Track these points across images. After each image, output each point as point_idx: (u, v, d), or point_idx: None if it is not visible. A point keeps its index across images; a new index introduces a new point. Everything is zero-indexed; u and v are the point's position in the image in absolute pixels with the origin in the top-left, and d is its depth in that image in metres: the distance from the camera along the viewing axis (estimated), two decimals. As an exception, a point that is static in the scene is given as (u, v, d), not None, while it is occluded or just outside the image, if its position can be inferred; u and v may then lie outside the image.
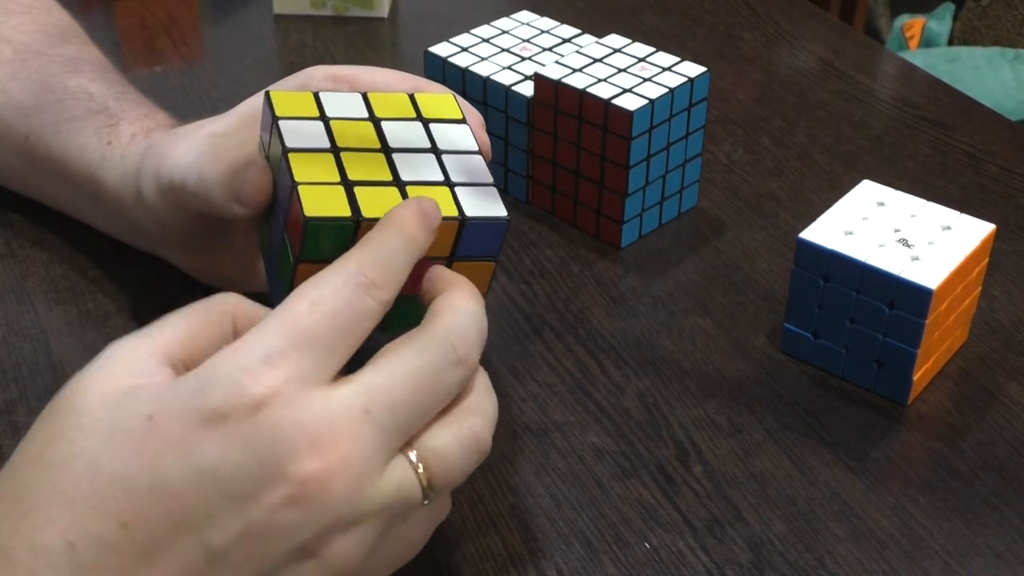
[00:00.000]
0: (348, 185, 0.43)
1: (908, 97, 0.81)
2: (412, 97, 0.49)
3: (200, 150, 0.50)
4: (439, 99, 0.49)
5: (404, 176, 0.44)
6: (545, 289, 0.61)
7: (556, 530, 0.48)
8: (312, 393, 0.35)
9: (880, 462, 0.51)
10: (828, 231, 0.54)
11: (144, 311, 0.58)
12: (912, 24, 2.03)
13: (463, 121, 0.48)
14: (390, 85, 0.50)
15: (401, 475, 0.37)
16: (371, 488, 0.36)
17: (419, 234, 0.40)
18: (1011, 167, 0.72)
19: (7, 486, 0.35)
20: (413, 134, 0.47)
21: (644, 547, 0.47)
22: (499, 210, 0.44)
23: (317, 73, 0.51)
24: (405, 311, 0.43)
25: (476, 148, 0.47)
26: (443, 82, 0.67)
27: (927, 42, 2.00)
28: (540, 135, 0.65)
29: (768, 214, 0.68)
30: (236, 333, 0.39)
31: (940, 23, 2.01)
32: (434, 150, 0.46)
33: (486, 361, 0.56)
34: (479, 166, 0.46)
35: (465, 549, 0.47)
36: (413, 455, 0.37)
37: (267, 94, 0.47)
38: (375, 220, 0.41)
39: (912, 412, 0.54)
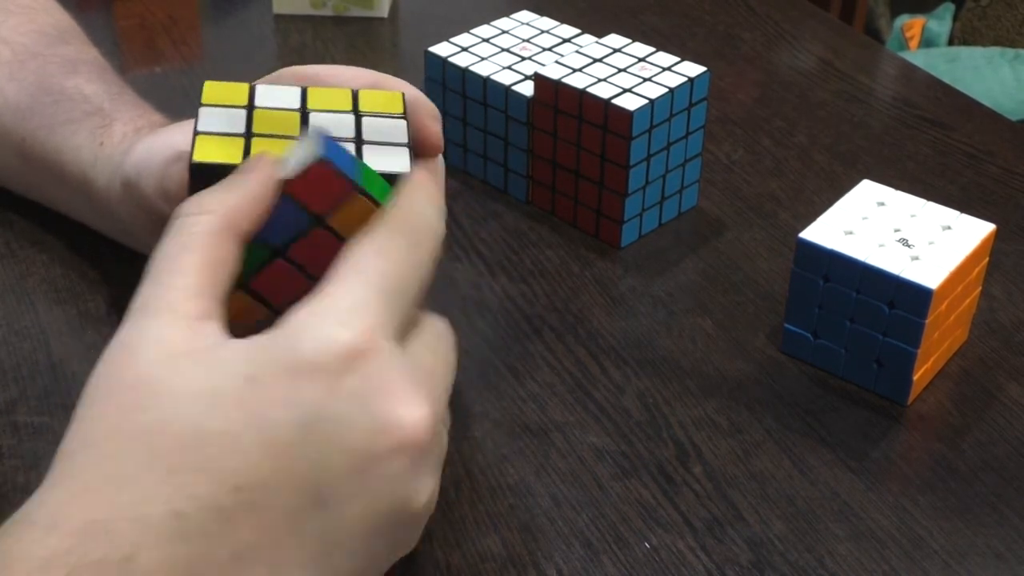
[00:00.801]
0: (248, 139, 0.42)
1: (908, 97, 0.81)
2: (355, 93, 0.47)
3: (150, 146, 0.50)
4: (385, 95, 0.47)
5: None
6: (545, 289, 0.61)
7: (556, 530, 0.48)
8: (394, 344, 0.36)
9: (880, 462, 0.51)
10: (828, 231, 0.54)
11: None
12: (912, 24, 2.03)
13: (403, 116, 0.46)
14: (350, 82, 0.50)
15: (445, 419, 0.38)
16: (443, 433, 0.37)
17: (436, 193, 0.41)
18: (1011, 167, 0.72)
19: (88, 460, 0.33)
20: (339, 126, 0.45)
21: (644, 547, 0.47)
22: (404, 166, 0.42)
23: (286, 74, 0.51)
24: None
25: (406, 141, 0.44)
26: (443, 82, 0.67)
27: (927, 42, 2.00)
28: (540, 135, 0.65)
29: (768, 214, 0.68)
30: (241, 242, 0.38)
31: (940, 23, 2.01)
32: (357, 140, 0.44)
33: (487, 361, 0.56)
34: (399, 155, 0.43)
35: (465, 549, 0.47)
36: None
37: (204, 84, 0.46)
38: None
39: (912, 412, 0.54)
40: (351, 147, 0.43)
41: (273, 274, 0.40)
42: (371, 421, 0.34)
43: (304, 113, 0.45)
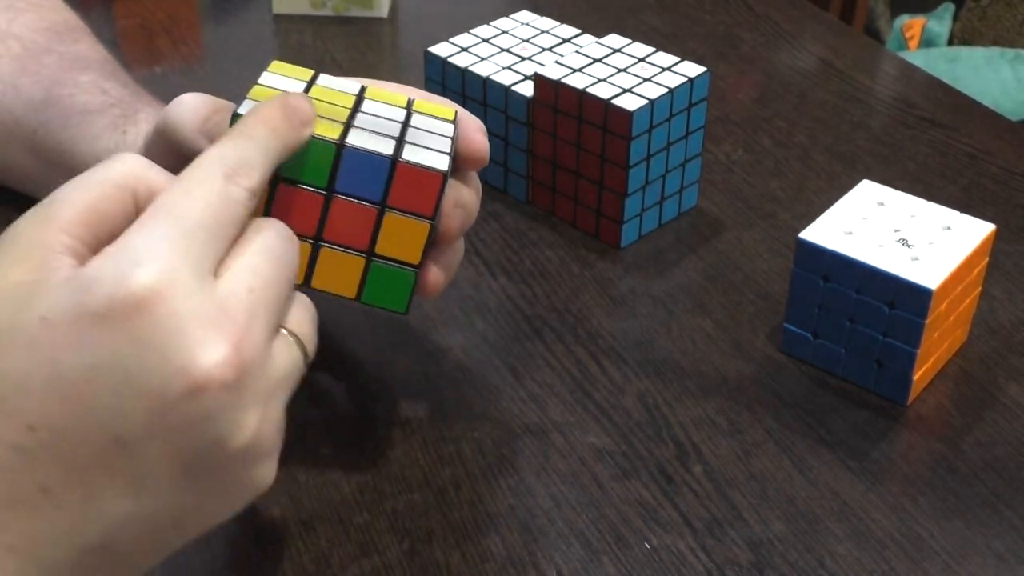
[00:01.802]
0: None
1: (908, 97, 0.81)
2: (411, 100, 0.49)
3: (193, 99, 0.50)
4: (438, 107, 0.49)
5: (355, 123, 0.44)
6: (545, 289, 0.61)
7: (556, 530, 0.48)
8: (200, 280, 0.35)
9: (880, 462, 0.51)
10: (828, 231, 0.54)
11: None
12: (912, 24, 2.03)
13: (452, 121, 0.48)
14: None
15: (288, 351, 0.38)
16: (268, 367, 0.37)
17: (281, 124, 0.41)
18: (1011, 167, 0.72)
19: None
20: (390, 113, 0.46)
21: (644, 547, 0.47)
22: (440, 164, 0.43)
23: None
24: (381, 280, 0.43)
25: (450, 135, 0.46)
26: (442, 82, 0.67)
27: (927, 42, 2.00)
28: (540, 135, 0.65)
29: (768, 214, 0.68)
30: (137, 205, 0.38)
31: (940, 23, 2.01)
32: (404, 127, 0.46)
33: (486, 361, 0.56)
34: (441, 142, 0.45)
35: (465, 549, 0.47)
36: (288, 332, 0.39)
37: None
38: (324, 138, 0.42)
39: (912, 412, 0.54)
40: (394, 124, 0.45)
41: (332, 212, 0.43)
42: (163, 364, 0.34)
43: (359, 99, 0.47)
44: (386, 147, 0.43)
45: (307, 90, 0.46)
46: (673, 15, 0.91)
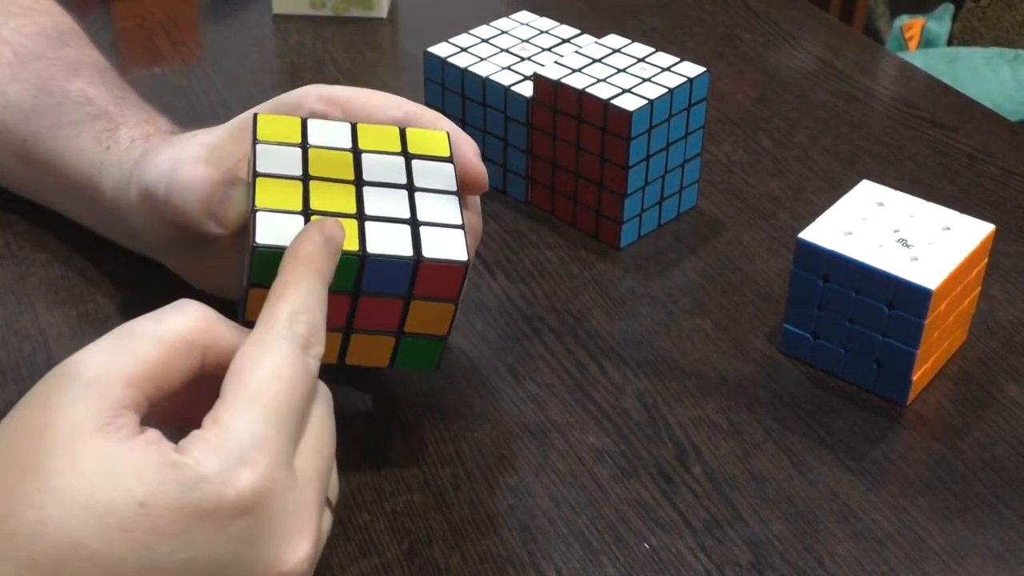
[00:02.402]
0: (307, 215, 0.43)
1: (907, 98, 0.81)
2: (403, 131, 0.49)
3: (178, 159, 0.50)
4: (430, 135, 0.49)
5: (369, 211, 0.44)
6: (544, 290, 0.61)
7: (555, 531, 0.48)
8: (291, 475, 0.37)
9: (879, 462, 0.51)
10: (827, 231, 0.54)
11: (144, 312, 0.58)
12: (911, 24, 2.03)
13: (450, 159, 0.48)
14: (382, 109, 0.50)
15: (329, 519, 0.41)
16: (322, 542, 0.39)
17: (325, 264, 0.41)
18: (1011, 167, 0.72)
19: None
20: (391, 168, 0.47)
21: (643, 548, 0.47)
22: (459, 253, 0.44)
23: (312, 93, 0.51)
24: (411, 351, 0.45)
25: (455, 188, 0.47)
26: (442, 82, 0.67)
27: (926, 42, 2.00)
28: (539, 135, 0.65)
29: (767, 214, 0.68)
30: (203, 359, 0.39)
31: (939, 23, 2.01)
32: (409, 186, 0.46)
33: (486, 361, 0.56)
34: (451, 206, 0.46)
35: (465, 549, 0.47)
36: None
37: (254, 116, 0.47)
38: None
39: (911, 412, 0.54)
40: (402, 193, 0.46)
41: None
42: (256, 560, 0.36)
43: (356, 152, 0.47)
44: (403, 240, 0.43)
45: (304, 156, 0.46)
46: (672, 15, 0.91)
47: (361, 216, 0.44)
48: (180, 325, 0.38)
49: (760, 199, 0.69)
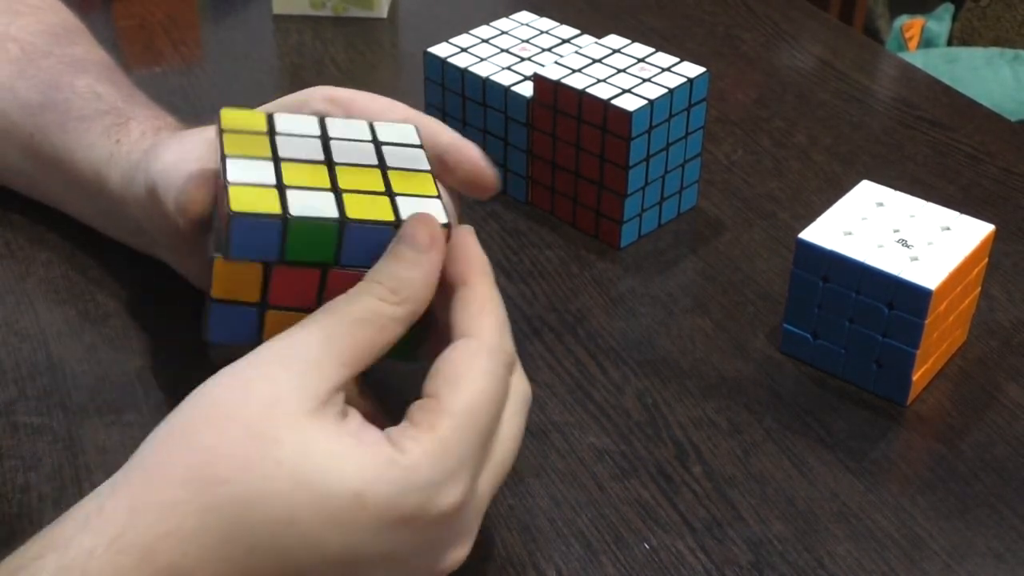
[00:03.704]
0: (282, 191, 0.42)
1: (907, 98, 0.81)
2: (371, 124, 0.48)
3: (178, 155, 0.50)
4: (399, 128, 0.48)
5: (343, 185, 0.44)
6: (544, 289, 0.61)
7: (555, 531, 0.48)
8: (474, 488, 0.40)
9: (879, 462, 0.51)
10: (827, 231, 0.54)
11: (144, 312, 0.58)
12: (911, 24, 2.03)
13: (420, 147, 0.47)
14: (384, 114, 0.50)
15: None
16: None
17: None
18: (1011, 167, 0.72)
19: (166, 484, 0.36)
20: (362, 152, 0.46)
21: (643, 548, 0.47)
22: (440, 217, 0.43)
23: (317, 94, 0.51)
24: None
25: (427, 167, 0.46)
26: (442, 83, 0.67)
27: (926, 42, 2.00)
28: (539, 135, 0.65)
29: (767, 214, 0.68)
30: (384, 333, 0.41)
31: (939, 23, 2.01)
32: (381, 166, 0.46)
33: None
34: (425, 181, 0.45)
35: (464, 549, 0.47)
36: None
37: (219, 112, 0.47)
38: (305, 218, 0.41)
39: (911, 413, 0.54)
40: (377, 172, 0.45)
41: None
42: (433, 561, 0.39)
43: (326, 140, 0.46)
44: (383, 207, 0.43)
45: (271, 136, 0.45)
46: (672, 15, 0.91)
47: (336, 189, 0.43)
48: (374, 303, 0.40)
49: (760, 199, 0.69)
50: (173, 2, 0.90)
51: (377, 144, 0.47)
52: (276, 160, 0.44)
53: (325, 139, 0.46)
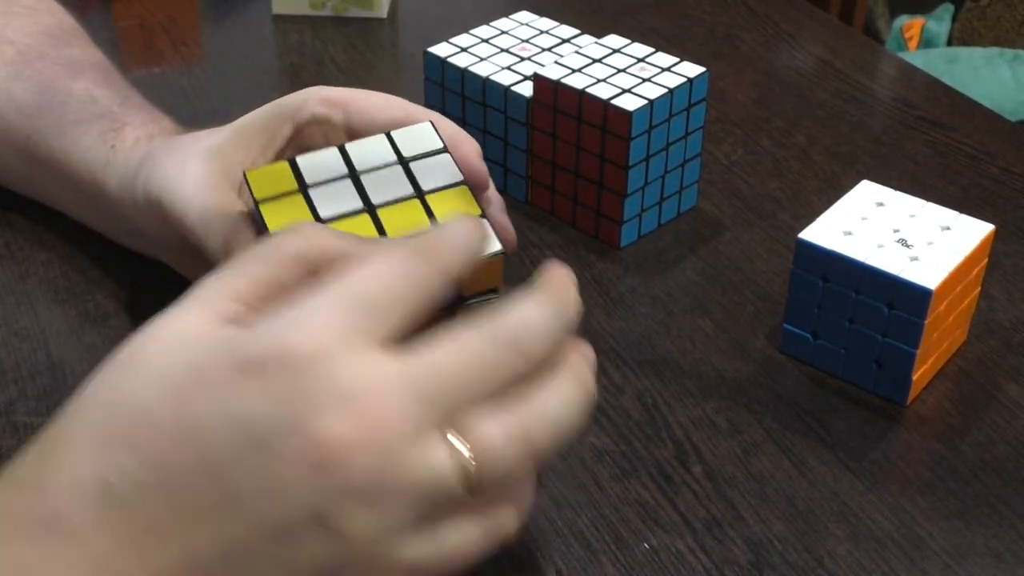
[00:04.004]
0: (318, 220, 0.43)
1: (907, 98, 0.81)
2: (389, 135, 0.48)
3: (184, 172, 0.50)
4: (416, 131, 0.48)
5: (391, 233, 0.44)
6: (544, 289, 0.61)
7: (555, 530, 0.48)
8: (356, 353, 0.34)
9: (879, 462, 0.51)
10: (827, 231, 0.54)
11: (144, 311, 0.58)
12: (911, 24, 2.03)
13: (444, 149, 0.48)
14: (383, 110, 0.50)
15: (436, 455, 0.34)
16: (399, 462, 0.34)
17: (481, 239, 0.40)
18: (1010, 168, 0.72)
19: (62, 423, 0.36)
20: (394, 180, 0.46)
21: (643, 548, 0.47)
22: (493, 244, 0.44)
23: (314, 95, 0.51)
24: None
25: (460, 178, 0.46)
26: (442, 82, 0.67)
27: (926, 43, 2.00)
28: (539, 135, 0.65)
29: (767, 214, 0.68)
30: (316, 274, 0.38)
31: (939, 23, 2.01)
32: (418, 193, 0.46)
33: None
34: (463, 199, 0.46)
35: (464, 549, 0.47)
36: (454, 438, 0.35)
37: (244, 173, 0.46)
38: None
39: (911, 412, 0.54)
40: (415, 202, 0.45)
41: None
42: (286, 424, 0.33)
43: (356, 177, 0.46)
44: None
45: (304, 193, 0.46)
46: (672, 15, 0.91)
47: (384, 236, 0.44)
48: (292, 245, 0.38)
49: (760, 199, 0.69)
50: (173, 2, 0.90)
51: (404, 163, 0.47)
52: (318, 222, 0.44)
53: (354, 175, 0.46)
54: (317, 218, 0.44)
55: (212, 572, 0.34)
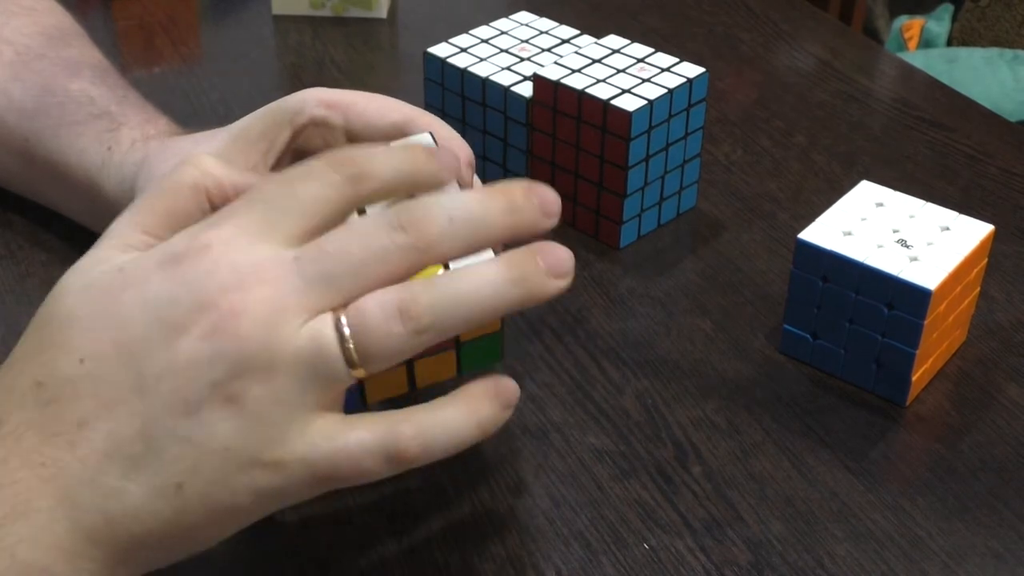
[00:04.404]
0: None
1: (907, 98, 0.81)
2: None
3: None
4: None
5: None
6: (544, 290, 0.61)
7: (555, 531, 0.48)
8: (258, 243, 0.37)
9: (879, 463, 0.51)
10: (827, 232, 0.54)
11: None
12: (911, 25, 2.03)
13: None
14: (381, 113, 0.50)
15: (319, 328, 0.37)
16: (285, 333, 0.36)
17: (423, 164, 0.41)
18: (1010, 168, 0.72)
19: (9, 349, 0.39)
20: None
21: (643, 548, 0.47)
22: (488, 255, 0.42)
23: (312, 98, 0.50)
24: (474, 354, 0.43)
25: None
26: (441, 83, 0.67)
27: (926, 43, 2.00)
28: (539, 136, 0.65)
29: (767, 215, 0.68)
30: (212, 202, 0.41)
31: (939, 24, 2.01)
32: None
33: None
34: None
35: (464, 549, 0.47)
36: (341, 316, 0.37)
37: None
38: None
39: (911, 413, 0.54)
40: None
41: None
42: (191, 303, 0.36)
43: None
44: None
45: None
46: (672, 16, 0.91)
47: None
48: (186, 175, 0.41)
49: (759, 199, 0.69)
50: (173, 2, 0.90)
51: None
52: None
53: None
54: None
55: (133, 454, 0.36)
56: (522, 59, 0.67)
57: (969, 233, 0.54)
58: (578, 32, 0.70)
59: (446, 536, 0.47)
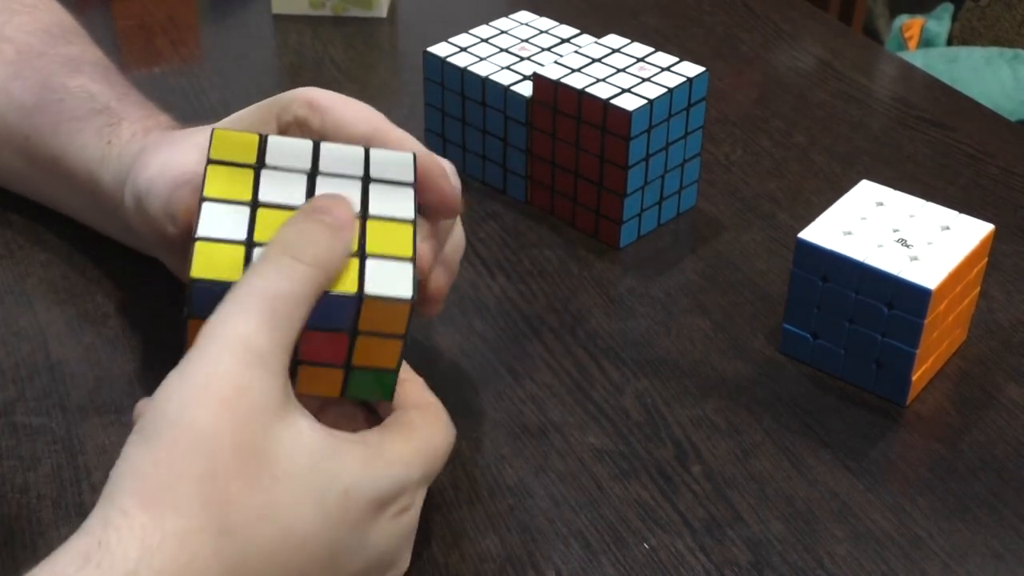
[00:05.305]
0: (250, 246, 0.41)
1: (907, 97, 0.81)
2: (367, 152, 0.46)
3: (165, 164, 0.50)
4: (397, 158, 0.46)
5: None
6: (544, 289, 0.61)
7: (555, 531, 0.48)
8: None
9: (879, 462, 0.51)
10: (827, 231, 0.54)
11: (143, 312, 0.58)
12: (911, 24, 2.03)
13: (412, 184, 0.45)
14: (351, 123, 0.49)
15: None
16: None
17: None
18: (1010, 167, 0.72)
19: (184, 500, 0.36)
20: (345, 188, 0.44)
21: (643, 548, 0.47)
22: (404, 289, 0.41)
23: (300, 97, 0.50)
24: (362, 382, 0.43)
25: (411, 216, 0.44)
26: (441, 82, 0.67)
27: (926, 42, 2.00)
28: (539, 135, 0.65)
29: (767, 214, 0.68)
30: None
31: (939, 23, 2.01)
32: (363, 214, 0.43)
33: (485, 361, 0.56)
34: (403, 236, 0.43)
35: (464, 549, 0.47)
36: None
37: (212, 131, 0.45)
38: None
39: (911, 412, 0.54)
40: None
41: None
42: (392, 557, 0.42)
43: (312, 176, 0.45)
44: (349, 272, 0.41)
45: (258, 165, 0.44)
46: (672, 15, 0.91)
47: None
48: (293, 282, 0.40)
49: (759, 199, 0.69)
50: (173, 2, 0.90)
51: (366, 183, 0.45)
52: (254, 205, 0.43)
53: (312, 175, 0.44)
54: (255, 199, 0.43)
55: None
56: (522, 58, 0.67)
57: (969, 232, 0.54)
58: (578, 31, 0.70)
59: (445, 536, 0.47)
